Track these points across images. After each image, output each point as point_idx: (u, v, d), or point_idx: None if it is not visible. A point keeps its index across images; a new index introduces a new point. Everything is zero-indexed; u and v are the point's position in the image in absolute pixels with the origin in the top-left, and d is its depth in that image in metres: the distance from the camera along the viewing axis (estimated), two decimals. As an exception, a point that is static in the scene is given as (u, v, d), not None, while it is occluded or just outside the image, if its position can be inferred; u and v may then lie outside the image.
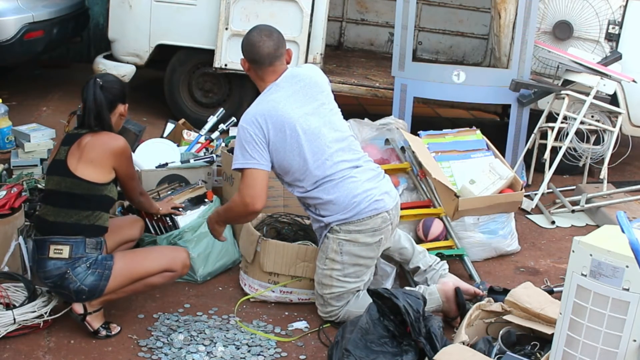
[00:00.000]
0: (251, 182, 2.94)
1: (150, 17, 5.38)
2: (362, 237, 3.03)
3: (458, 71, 5.10)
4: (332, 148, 3.03)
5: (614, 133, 4.78)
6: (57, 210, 2.88)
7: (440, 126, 4.55)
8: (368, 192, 3.03)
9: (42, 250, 2.86)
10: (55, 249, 2.83)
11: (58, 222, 2.87)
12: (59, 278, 2.84)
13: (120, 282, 2.91)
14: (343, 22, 7.09)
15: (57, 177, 2.91)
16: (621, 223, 2.00)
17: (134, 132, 4.47)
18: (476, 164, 4.03)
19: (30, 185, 3.89)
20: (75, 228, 2.86)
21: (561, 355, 2.22)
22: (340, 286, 3.07)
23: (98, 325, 2.95)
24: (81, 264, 2.85)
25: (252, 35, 3.03)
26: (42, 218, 2.93)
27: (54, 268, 2.84)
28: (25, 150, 4.33)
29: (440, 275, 3.35)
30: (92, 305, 2.93)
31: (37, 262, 2.90)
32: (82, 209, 2.87)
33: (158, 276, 2.98)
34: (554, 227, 4.47)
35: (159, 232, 3.40)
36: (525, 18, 5.00)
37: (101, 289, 2.87)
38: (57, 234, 2.85)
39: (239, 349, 2.91)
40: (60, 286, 2.86)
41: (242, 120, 3.00)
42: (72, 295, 2.88)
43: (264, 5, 5.22)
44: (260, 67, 3.03)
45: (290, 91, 3.03)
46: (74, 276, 2.83)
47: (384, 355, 2.67)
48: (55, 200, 2.90)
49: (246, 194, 2.94)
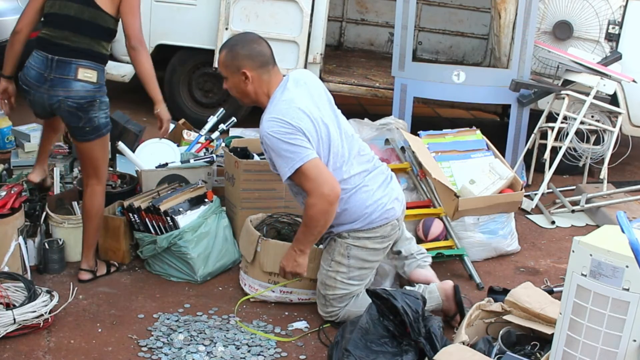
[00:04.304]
0: (316, 172, 2.80)
1: (150, 17, 5.38)
2: (371, 243, 3.04)
3: (458, 71, 5.10)
4: (347, 154, 2.99)
5: (614, 133, 4.78)
6: (81, 37, 3.05)
7: (440, 126, 4.56)
8: (379, 201, 3.01)
9: (66, 71, 3.03)
10: (85, 72, 3.04)
11: (83, 48, 3.05)
12: (87, 103, 3.06)
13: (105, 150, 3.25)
14: (343, 22, 7.10)
15: (76, 5, 3.05)
16: (621, 223, 2.00)
17: (134, 132, 4.47)
18: (476, 164, 4.03)
19: (30, 185, 3.89)
20: (98, 56, 3.09)
21: (561, 355, 2.22)
22: (343, 288, 3.07)
23: (105, 270, 3.40)
24: (104, 99, 3.13)
25: (245, 45, 2.92)
26: (58, 42, 3.06)
27: (82, 90, 3.05)
28: (25, 150, 4.33)
29: (418, 265, 3.31)
30: (91, 265, 3.32)
31: (56, 81, 3.04)
32: (104, 40, 3.11)
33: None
34: (554, 227, 4.47)
35: (159, 232, 3.40)
36: (525, 18, 5.00)
37: (104, 132, 3.17)
38: (84, 59, 3.05)
39: (239, 349, 2.91)
40: (83, 110, 3.07)
41: (270, 124, 2.82)
42: (84, 121, 3.09)
43: (264, 5, 5.22)
44: (268, 70, 2.93)
45: (303, 93, 2.95)
46: (100, 106, 3.10)
47: (384, 355, 2.67)
48: (77, 27, 3.05)
49: (320, 185, 2.79)
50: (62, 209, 3.63)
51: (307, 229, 2.93)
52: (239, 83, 2.94)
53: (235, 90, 2.99)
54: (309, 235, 2.94)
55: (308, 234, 2.94)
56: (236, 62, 2.91)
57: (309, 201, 2.85)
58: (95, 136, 3.18)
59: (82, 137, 3.18)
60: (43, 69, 3.07)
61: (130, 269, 3.52)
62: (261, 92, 2.96)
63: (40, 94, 3.11)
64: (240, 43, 2.94)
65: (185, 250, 3.37)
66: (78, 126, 3.14)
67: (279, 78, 2.97)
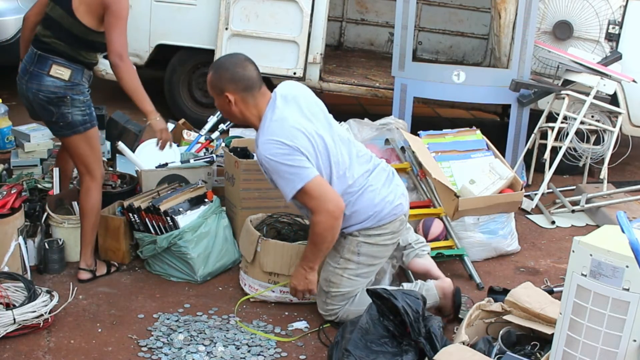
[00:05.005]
0: (319, 190, 2.81)
1: (150, 17, 5.39)
2: (382, 239, 3.06)
3: (458, 71, 5.10)
4: (347, 160, 2.99)
5: (614, 133, 4.78)
6: (58, 41, 3.15)
7: (440, 126, 4.55)
8: (386, 198, 3.03)
9: (42, 66, 3.13)
10: (57, 69, 3.13)
11: (59, 50, 3.15)
12: (57, 98, 3.13)
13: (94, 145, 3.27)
14: (343, 22, 7.09)
15: (60, 10, 3.15)
16: (621, 223, 2.00)
17: (134, 132, 4.47)
18: (476, 164, 4.03)
19: (30, 185, 3.89)
20: (74, 60, 3.17)
21: (561, 355, 2.22)
22: (349, 285, 3.07)
23: (105, 270, 3.41)
24: (79, 97, 3.17)
25: (230, 68, 2.88)
26: (43, 40, 3.17)
27: (52, 85, 3.13)
28: (25, 150, 4.33)
29: (416, 254, 3.33)
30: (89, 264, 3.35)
31: (33, 75, 3.14)
32: (82, 49, 3.18)
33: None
34: (554, 227, 4.47)
35: (159, 232, 3.40)
36: (525, 18, 5.00)
37: (81, 129, 3.19)
38: (60, 56, 3.14)
39: (239, 349, 2.91)
40: (54, 104, 3.13)
41: (267, 146, 2.81)
42: (56, 116, 3.15)
43: (264, 5, 5.22)
44: (252, 93, 2.89)
45: (293, 109, 2.93)
46: (72, 103, 3.14)
47: (384, 355, 2.67)
48: (57, 32, 3.16)
49: (324, 202, 2.81)
50: (62, 209, 3.63)
51: (314, 246, 2.94)
52: (224, 104, 2.94)
53: (222, 111, 3.01)
54: (317, 252, 2.96)
55: (316, 251, 2.95)
56: (220, 85, 2.90)
57: (314, 219, 2.86)
58: (71, 132, 3.22)
59: (58, 132, 3.27)
60: (28, 63, 3.21)
61: (130, 269, 3.52)
62: (249, 115, 2.93)
63: (22, 84, 3.23)
64: (225, 65, 2.91)
65: (185, 250, 3.37)
66: (51, 120, 3.23)
67: (266, 98, 2.93)
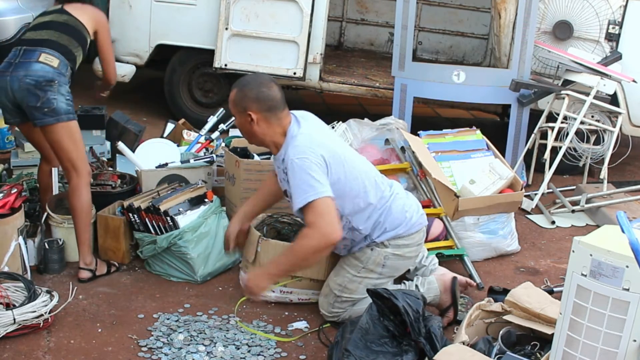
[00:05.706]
0: (325, 209, 2.76)
1: (150, 17, 5.39)
2: (408, 251, 3.08)
3: (458, 71, 5.10)
4: (373, 170, 3.09)
5: (614, 133, 4.78)
6: (52, 32, 3.34)
7: (440, 126, 4.56)
8: (412, 206, 3.11)
9: (30, 56, 3.24)
10: (46, 57, 3.25)
11: (52, 40, 3.31)
12: (45, 82, 3.20)
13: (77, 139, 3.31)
14: (343, 22, 7.09)
15: (53, 14, 3.42)
16: (621, 223, 2.00)
17: (134, 132, 4.48)
18: (476, 164, 4.03)
19: (30, 185, 3.90)
20: (63, 50, 3.31)
21: (561, 355, 2.22)
22: (363, 293, 3.04)
23: (105, 270, 3.41)
24: (65, 86, 3.28)
25: (255, 87, 2.88)
26: (32, 39, 3.33)
27: (41, 70, 3.21)
28: (25, 150, 4.32)
29: (430, 270, 3.37)
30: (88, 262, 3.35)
31: (20, 64, 3.23)
32: (73, 38, 3.36)
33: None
34: (554, 227, 4.47)
35: (159, 232, 3.40)
36: (525, 18, 5.00)
37: (64, 118, 3.24)
38: (49, 47, 3.28)
39: (239, 349, 2.91)
40: (41, 88, 3.19)
41: (297, 153, 2.81)
42: (42, 101, 3.20)
43: (264, 5, 5.22)
44: (276, 113, 2.89)
45: (315, 127, 2.99)
46: (59, 89, 3.22)
47: (384, 355, 2.67)
48: (52, 26, 3.36)
49: (325, 223, 2.74)
50: (62, 209, 3.62)
51: (289, 256, 2.85)
52: (245, 124, 2.92)
53: (242, 130, 2.99)
54: (289, 262, 2.86)
55: (288, 260, 2.86)
56: (243, 103, 2.89)
57: (305, 231, 2.79)
58: (55, 119, 3.23)
59: (42, 119, 3.23)
60: (13, 57, 3.29)
61: (130, 269, 3.52)
62: (272, 133, 2.91)
63: (4, 78, 3.24)
64: (250, 84, 2.91)
65: (185, 250, 3.37)
66: (36, 106, 3.21)
67: (288, 119, 2.95)
